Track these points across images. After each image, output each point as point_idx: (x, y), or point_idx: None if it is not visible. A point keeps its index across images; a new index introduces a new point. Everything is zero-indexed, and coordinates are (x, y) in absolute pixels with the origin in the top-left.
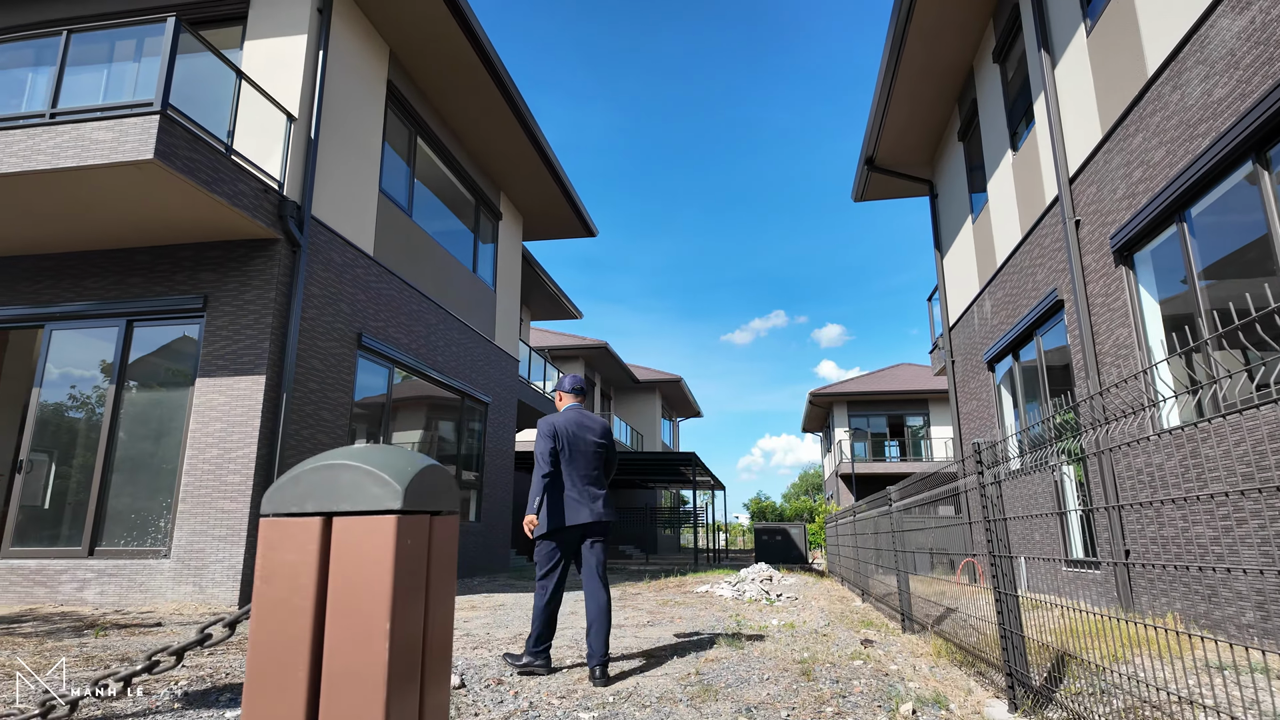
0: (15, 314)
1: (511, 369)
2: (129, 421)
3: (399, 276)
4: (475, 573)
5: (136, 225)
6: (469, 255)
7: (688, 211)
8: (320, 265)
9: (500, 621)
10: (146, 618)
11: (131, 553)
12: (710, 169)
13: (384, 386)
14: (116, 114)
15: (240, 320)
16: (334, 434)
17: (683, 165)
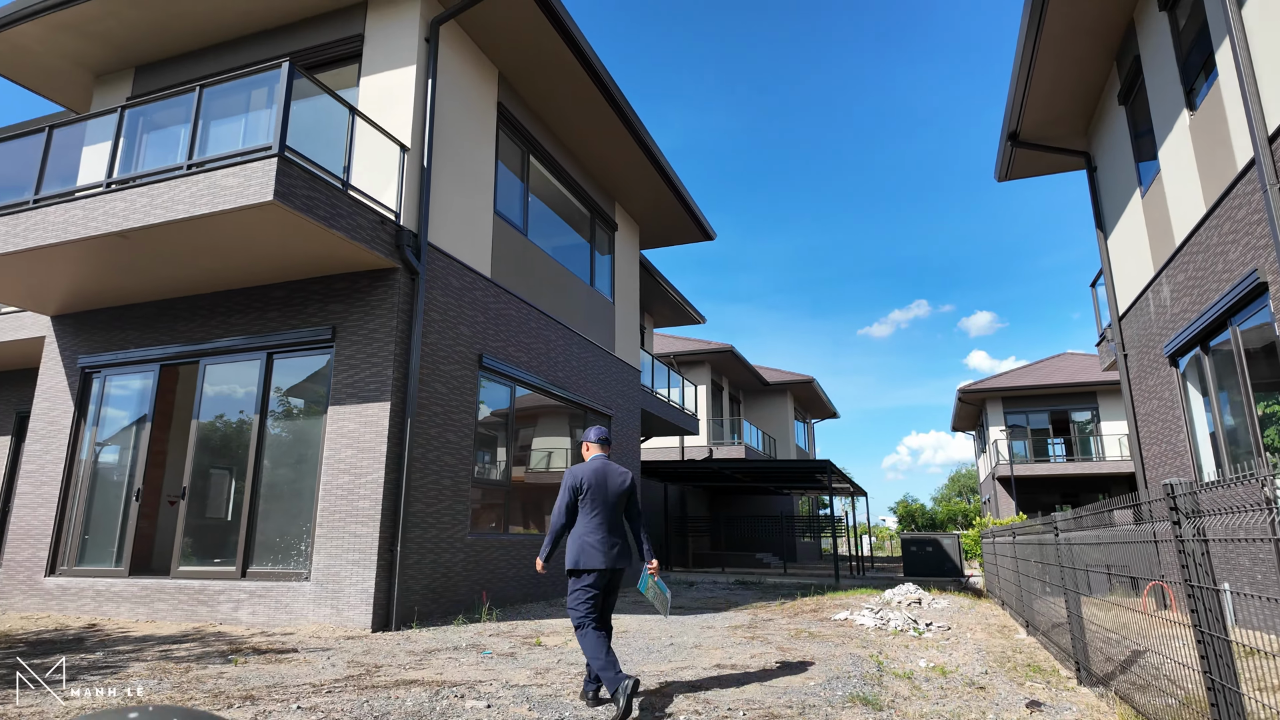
0: (177, 351)
1: (633, 380)
2: (272, 449)
3: (517, 296)
4: None
5: (270, 263)
6: (585, 269)
7: (814, 205)
8: (439, 290)
9: (624, 658)
10: (285, 641)
11: (277, 575)
12: (837, 160)
13: (506, 405)
14: (242, 160)
15: (366, 349)
16: (459, 454)
17: (807, 159)
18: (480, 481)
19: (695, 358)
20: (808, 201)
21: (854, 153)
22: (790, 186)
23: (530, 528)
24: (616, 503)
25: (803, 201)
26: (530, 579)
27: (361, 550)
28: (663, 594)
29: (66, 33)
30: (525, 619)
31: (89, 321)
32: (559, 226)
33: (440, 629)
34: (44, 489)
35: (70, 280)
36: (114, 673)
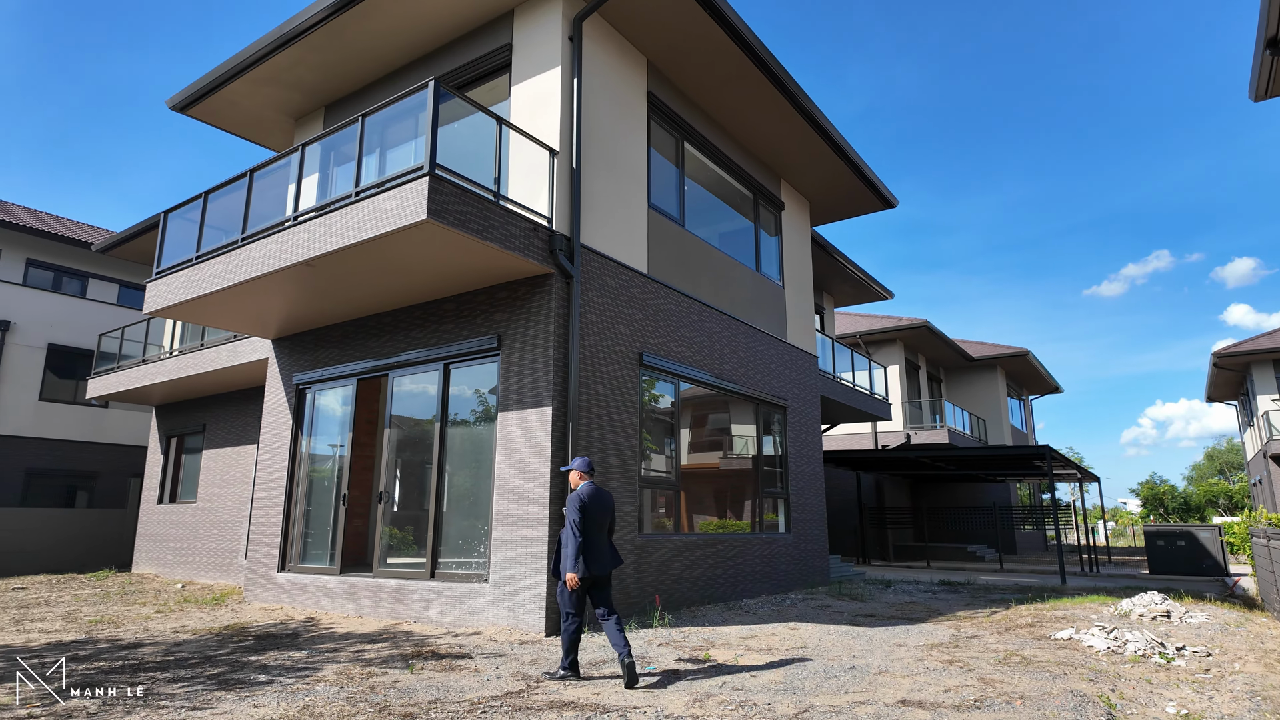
0: (369, 366)
1: (809, 366)
2: (453, 455)
3: (675, 289)
4: (789, 588)
5: (438, 278)
6: (750, 254)
7: (1021, 155)
8: (595, 291)
9: (796, 683)
10: (463, 645)
11: (461, 576)
12: (1045, 102)
13: (670, 402)
14: (398, 183)
15: (527, 355)
16: (623, 455)
17: (1009, 105)
18: (648, 481)
19: (884, 336)
20: (1013, 152)
21: (1065, 90)
22: (991, 138)
23: (705, 526)
24: (607, 519)
25: (1007, 153)
26: (708, 580)
27: (533, 554)
28: None
29: (266, 85)
30: (699, 624)
31: (300, 343)
32: (719, 212)
33: None
34: (273, 493)
35: (280, 307)
36: (306, 676)
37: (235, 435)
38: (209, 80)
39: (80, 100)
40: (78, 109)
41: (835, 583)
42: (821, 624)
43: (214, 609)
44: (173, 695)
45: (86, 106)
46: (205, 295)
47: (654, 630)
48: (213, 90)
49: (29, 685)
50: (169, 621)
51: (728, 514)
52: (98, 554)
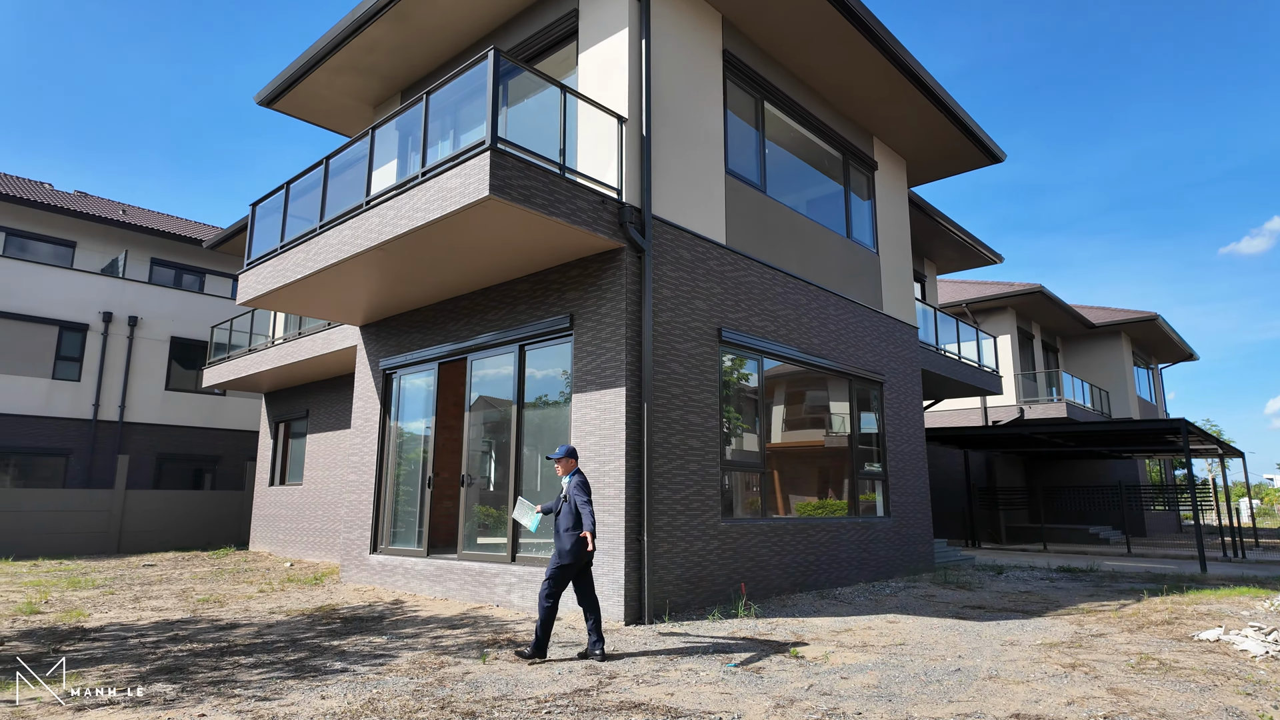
0: (449, 350)
1: (908, 338)
2: (530, 438)
3: (757, 260)
4: (889, 575)
5: (509, 258)
6: (840, 220)
7: (1144, 105)
8: (669, 265)
9: (892, 688)
10: None
11: (540, 561)
12: (1173, 43)
13: (754, 381)
14: (461, 160)
15: (600, 334)
16: (703, 436)
17: (1132, 49)
18: (731, 464)
19: (993, 304)
20: (1135, 102)
21: (1196, 30)
22: (1109, 88)
23: (794, 509)
24: None
25: (1128, 103)
26: (798, 567)
27: (610, 539)
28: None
29: (343, 73)
30: (788, 615)
31: (385, 328)
32: (805, 176)
33: (693, 624)
34: (364, 476)
35: (361, 293)
36: (380, 664)
37: (335, 420)
38: (290, 73)
39: (204, 106)
40: (202, 114)
41: (940, 569)
42: (923, 616)
43: (311, 589)
44: (248, 683)
45: (210, 111)
46: (290, 284)
47: (739, 621)
48: (295, 82)
49: (121, 668)
50: (268, 601)
51: (821, 496)
52: (220, 533)
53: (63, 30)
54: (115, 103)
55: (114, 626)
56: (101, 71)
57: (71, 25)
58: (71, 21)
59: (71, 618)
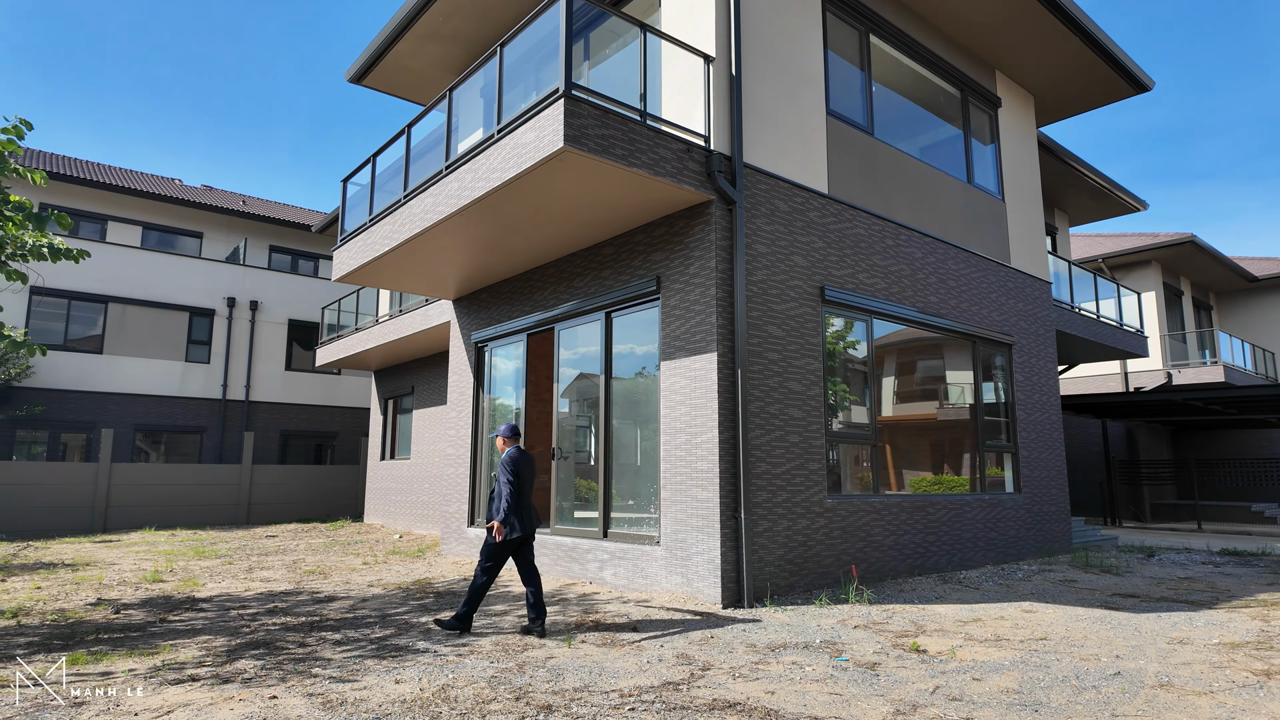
0: (537, 320)
1: (1040, 295)
2: (619, 409)
3: (865, 210)
4: (1020, 556)
5: (591, 219)
6: (959, 164)
7: None
8: (763, 218)
9: (1037, 694)
10: (631, 615)
11: (633, 538)
12: None
13: (863, 344)
14: (535, 111)
15: (689, 296)
16: (805, 405)
17: None
18: (839, 435)
19: (1135, 258)
20: None
21: None
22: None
23: (907, 486)
24: (533, 481)
25: None
26: (916, 548)
27: (704, 516)
28: None
29: (427, 42)
30: (906, 601)
31: (476, 301)
32: (917, 116)
33: (797, 610)
34: (460, 450)
35: (448, 264)
36: (463, 645)
37: (438, 395)
38: (377, 45)
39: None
40: (322, 113)
41: (1078, 550)
42: (1065, 605)
43: (413, 562)
44: (328, 661)
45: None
46: (378, 258)
47: (849, 607)
48: (381, 56)
49: (216, 641)
50: (370, 574)
51: (939, 471)
52: (338, 505)
53: (205, 38)
54: (245, 100)
55: (222, 597)
56: (234, 70)
57: (213, 32)
58: (213, 28)
59: (187, 587)
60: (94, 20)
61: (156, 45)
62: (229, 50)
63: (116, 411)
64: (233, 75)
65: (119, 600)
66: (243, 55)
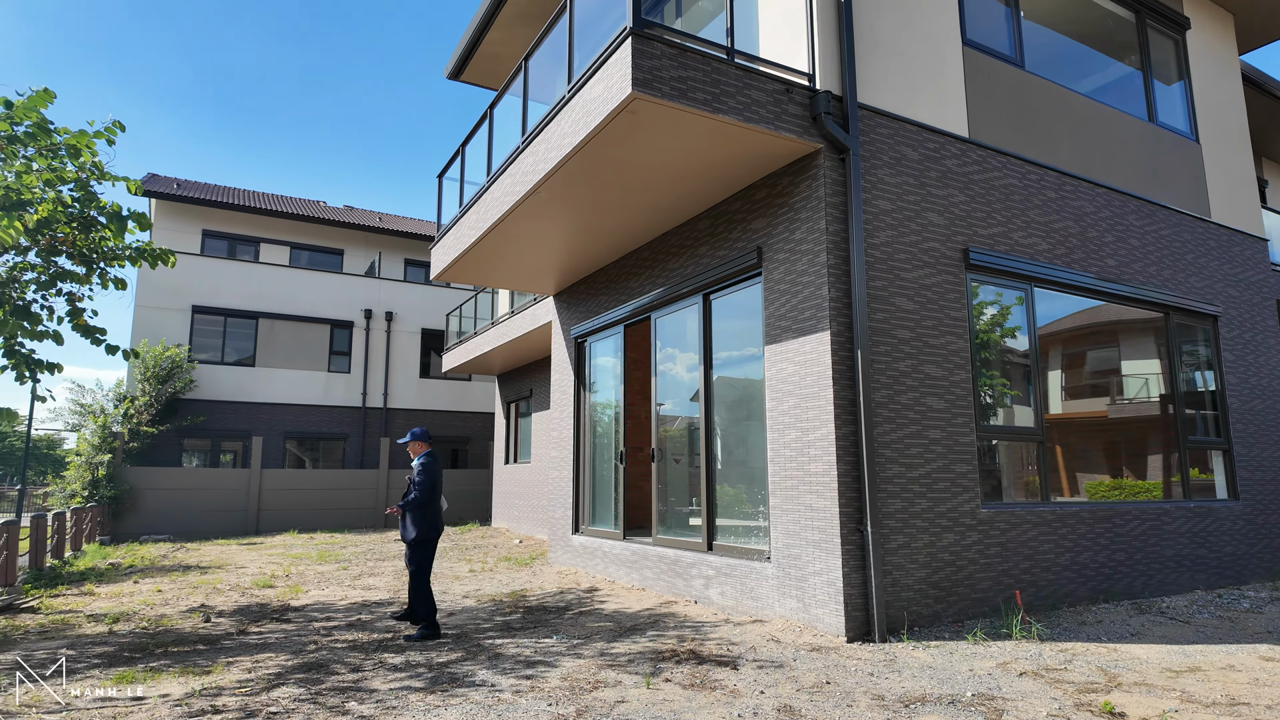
0: (633, 309)
1: (1252, 256)
2: (720, 404)
3: (1016, 156)
4: (1241, 579)
5: (680, 187)
6: (1137, 99)
7: None
8: (886, 168)
9: None
10: (736, 645)
11: (739, 552)
12: None
13: (1020, 317)
14: (603, 57)
15: (794, 267)
16: (949, 393)
17: None
18: (994, 430)
19: None
20: None
21: None
22: None
23: (1090, 491)
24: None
25: None
26: (1099, 569)
27: (821, 528)
28: None
29: (516, 25)
30: (1088, 638)
31: (574, 295)
32: (1081, 44)
33: (943, 647)
34: (563, 452)
35: (538, 254)
36: (528, 677)
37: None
38: (469, 37)
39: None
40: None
41: None
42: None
43: (518, 571)
44: (372, 693)
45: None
46: (468, 250)
47: (1013, 644)
48: (474, 46)
49: (276, 659)
50: (472, 583)
51: (1125, 474)
52: (469, 509)
53: (336, 71)
54: (380, 128)
55: (315, 606)
56: (368, 100)
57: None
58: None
59: (288, 594)
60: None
61: (314, 89)
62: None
63: (268, 420)
64: (379, 110)
65: (217, 608)
66: (390, 95)
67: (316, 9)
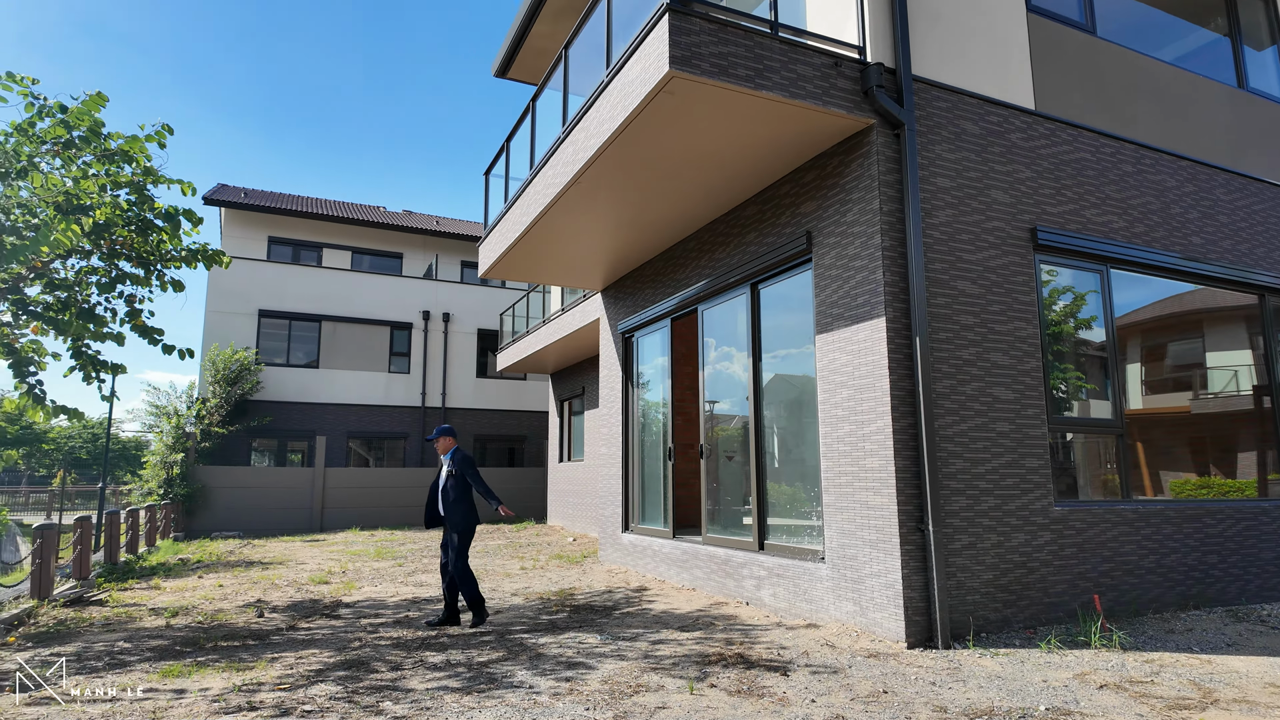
0: (678, 301)
1: None
2: (770, 397)
3: (1088, 128)
4: None
5: (724, 172)
6: (1225, 62)
7: None
8: (945, 144)
9: None
10: (786, 650)
11: (791, 551)
12: None
13: (1096, 302)
14: (640, 36)
15: (846, 250)
16: (1017, 383)
17: None
18: (1068, 423)
19: None
20: None
21: None
22: None
23: (1176, 489)
24: None
25: None
26: (1187, 572)
27: (878, 527)
28: None
29: (561, 17)
30: (1178, 648)
31: (621, 289)
32: (1159, 10)
33: (1013, 656)
34: (612, 449)
35: (582, 248)
36: (566, 679)
37: None
38: (514, 32)
39: None
40: None
41: None
42: None
43: (568, 569)
44: (409, 692)
45: None
46: (513, 245)
47: (1091, 654)
48: (520, 41)
49: (319, 656)
50: (521, 581)
51: (1207, 473)
52: (525, 507)
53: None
54: (438, 134)
55: (366, 602)
56: (428, 111)
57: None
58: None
59: (342, 590)
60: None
61: (379, 100)
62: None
63: (331, 420)
64: (437, 115)
65: (271, 603)
66: (447, 101)
67: (373, 22)
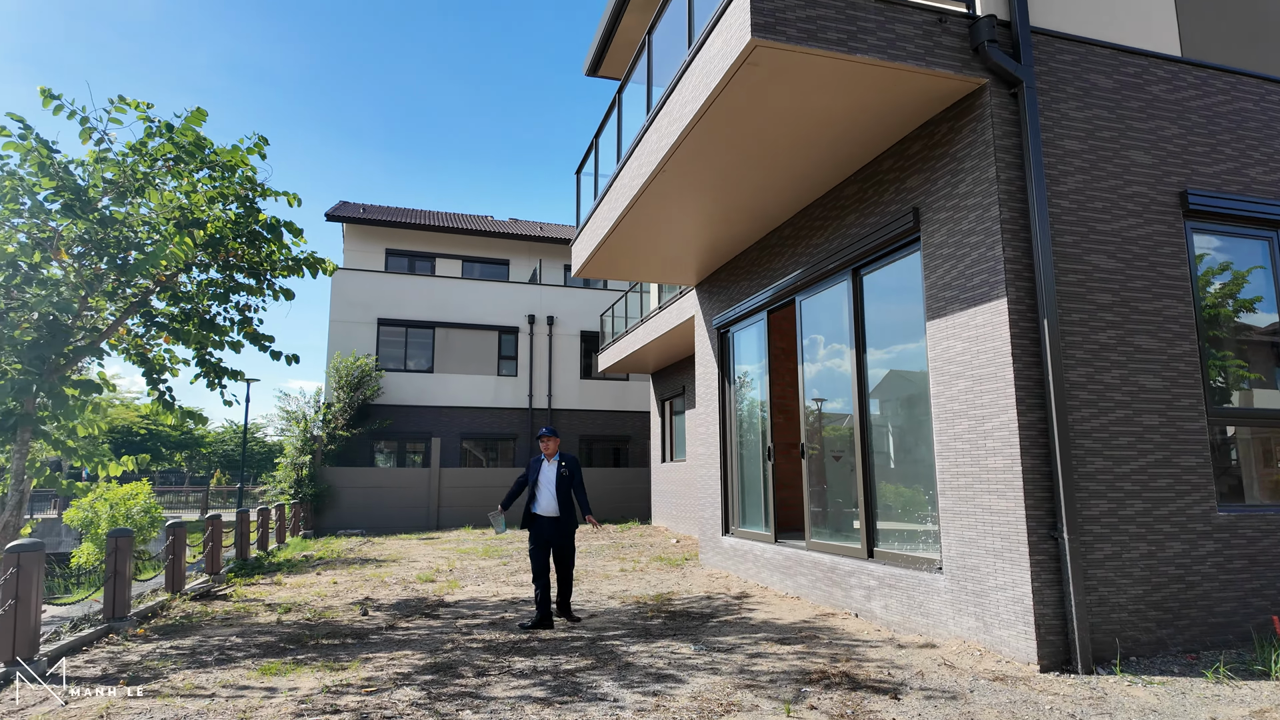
0: (775, 292)
1: None
2: (877, 392)
3: (1249, 74)
4: None
5: (819, 148)
6: None
7: None
8: (1072, 101)
9: None
10: (898, 670)
11: (905, 560)
12: None
13: (1264, 279)
14: (721, 7)
15: (958, 226)
16: (1168, 370)
17: None
18: (1233, 414)
19: None
20: None
21: None
22: None
23: None
24: None
25: None
26: None
27: (1003, 535)
28: None
29: (648, 9)
30: None
31: (715, 283)
32: None
33: (1171, 684)
34: (710, 449)
35: (675, 241)
36: (652, 695)
37: None
38: (603, 28)
39: None
40: None
41: None
42: None
43: (668, 572)
44: (489, 700)
45: None
46: (604, 241)
47: (1273, 685)
48: (610, 37)
49: (409, 659)
50: (621, 583)
51: None
52: (630, 507)
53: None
54: (544, 141)
55: (465, 603)
56: (530, 120)
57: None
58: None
59: (445, 589)
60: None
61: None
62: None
63: (446, 422)
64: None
65: (377, 601)
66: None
67: (479, 45)
